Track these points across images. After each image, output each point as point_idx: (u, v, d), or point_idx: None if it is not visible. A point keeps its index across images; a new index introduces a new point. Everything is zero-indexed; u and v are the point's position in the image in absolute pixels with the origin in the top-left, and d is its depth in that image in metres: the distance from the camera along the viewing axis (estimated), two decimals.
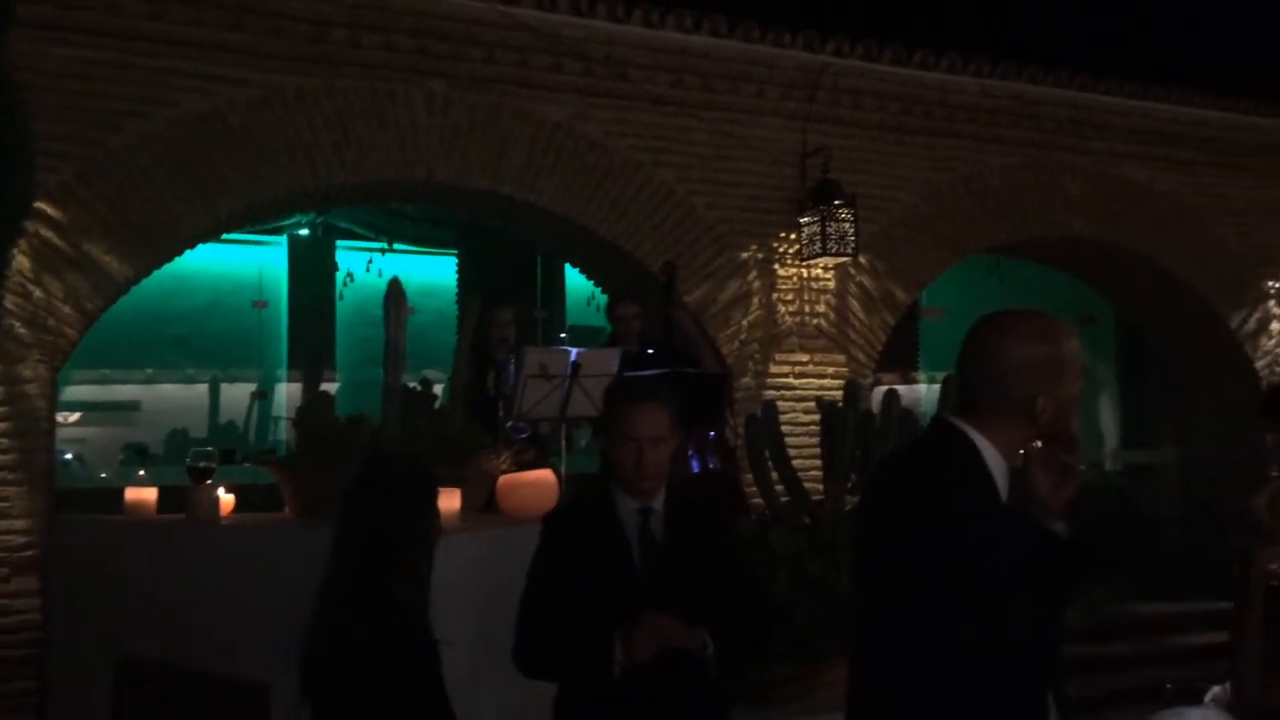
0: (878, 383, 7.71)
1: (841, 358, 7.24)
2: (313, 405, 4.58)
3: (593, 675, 2.65)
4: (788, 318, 7.14)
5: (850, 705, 1.94)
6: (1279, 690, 1.79)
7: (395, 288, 4.60)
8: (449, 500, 3.72)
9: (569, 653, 2.71)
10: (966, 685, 1.78)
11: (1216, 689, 1.87)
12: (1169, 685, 1.91)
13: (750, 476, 5.97)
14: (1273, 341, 8.76)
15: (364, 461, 2.82)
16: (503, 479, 4.44)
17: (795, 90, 7.17)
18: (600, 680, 2.63)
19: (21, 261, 5.21)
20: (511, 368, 5.73)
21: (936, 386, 8.78)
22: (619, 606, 2.66)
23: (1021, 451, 1.91)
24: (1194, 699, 1.83)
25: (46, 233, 5.35)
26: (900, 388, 7.19)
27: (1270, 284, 8.77)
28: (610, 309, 6.31)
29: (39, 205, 5.19)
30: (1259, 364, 8.65)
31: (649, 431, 2.76)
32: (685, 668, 2.66)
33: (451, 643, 2.77)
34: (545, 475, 4.49)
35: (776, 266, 7.12)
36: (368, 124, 6.07)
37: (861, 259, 7.21)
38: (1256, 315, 8.72)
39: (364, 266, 9.85)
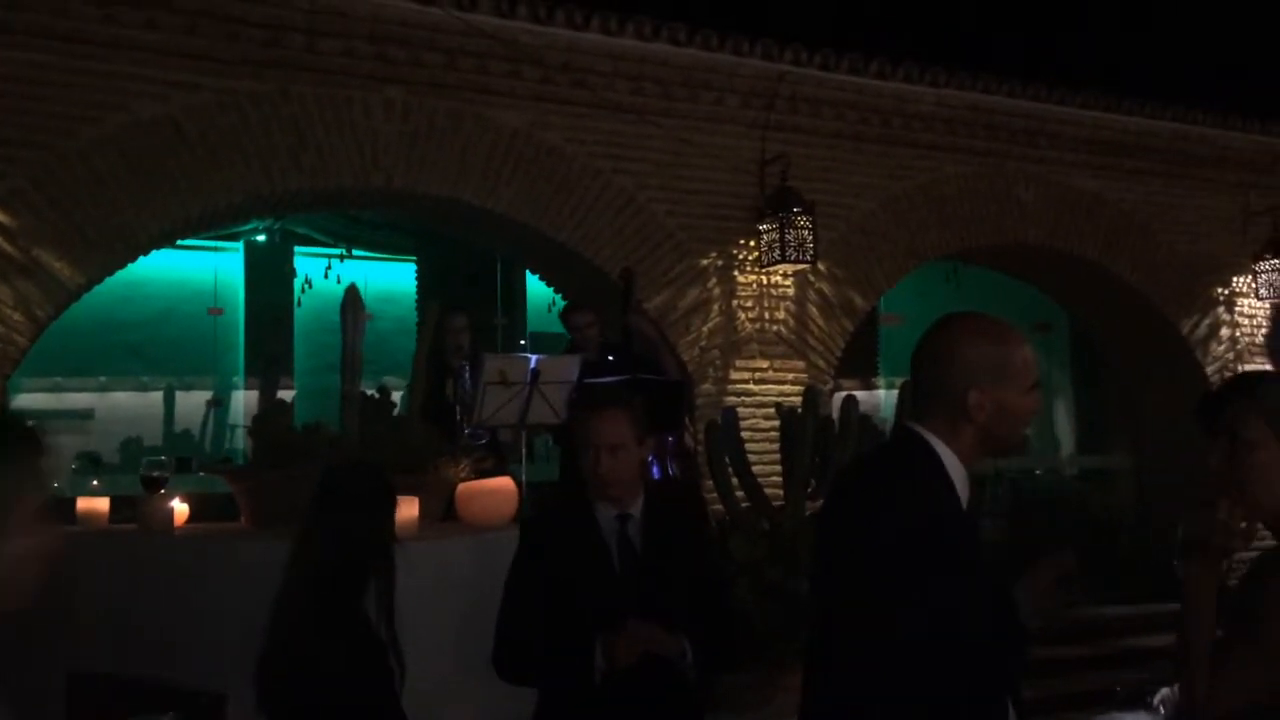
0: (837, 388, 7.77)
1: (801, 364, 7.29)
2: (269, 413, 4.54)
3: (574, 681, 2.65)
4: (747, 324, 7.17)
5: (803, 712, 1.94)
6: (1224, 693, 1.82)
7: (352, 295, 4.57)
8: (407, 509, 3.71)
9: (550, 659, 2.71)
10: (926, 690, 1.79)
11: (1166, 691, 1.90)
12: (1119, 688, 1.94)
13: (710, 482, 6.01)
14: (1222, 347, 8.93)
15: (324, 471, 2.78)
16: (462, 487, 4.42)
17: (754, 98, 7.22)
18: (581, 687, 2.63)
19: None
20: (468, 374, 5.71)
21: (895, 392, 8.87)
22: (599, 613, 2.66)
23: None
24: (1144, 701, 1.86)
25: None
26: (859, 393, 7.27)
27: (1219, 291, 8.95)
28: (564, 319, 6.31)
29: None
30: (1209, 369, 8.81)
31: (609, 438, 2.75)
32: (665, 675, 2.66)
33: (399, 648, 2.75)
34: (505, 483, 4.47)
35: (736, 273, 7.15)
36: (325, 129, 6.03)
37: (820, 266, 7.26)
38: (1206, 321, 8.89)
39: (322, 272, 9.76)
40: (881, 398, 10.87)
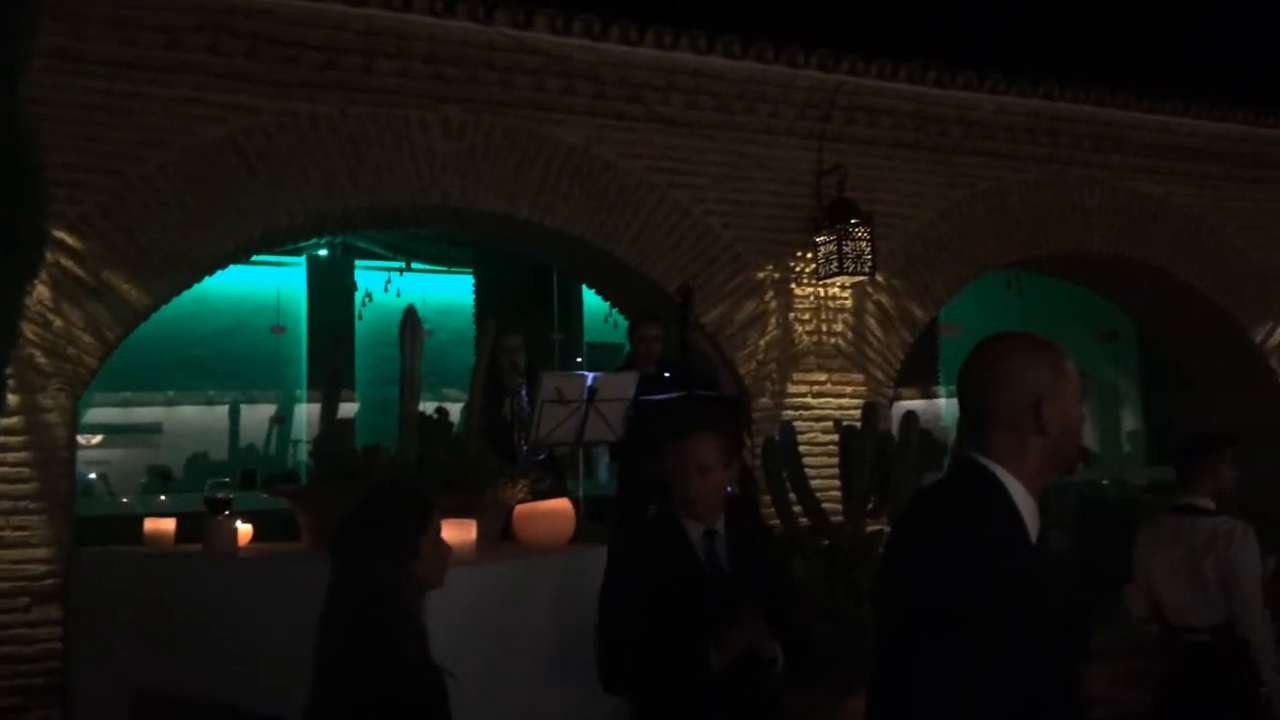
0: (897, 398, 7.67)
1: (860, 377, 7.21)
2: (331, 434, 4.59)
3: (687, 681, 2.87)
4: (805, 337, 7.11)
5: None
6: None
7: (411, 316, 4.59)
8: (465, 531, 3.71)
9: (661, 664, 2.90)
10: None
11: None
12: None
13: (768, 498, 5.96)
14: None
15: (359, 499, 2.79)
16: (519, 508, 4.42)
17: (810, 109, 7.16)
18: (694, 685, 2.86)
19: (41, 291, 5.26)
20: (524, 393, 5.73)
21: (956, 401, 8.71)
22: (699, 620, 2.88)
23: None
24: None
25: (67, 262, 5.40)
26: (920, 404, 7.17)
27: None
28: (633, 330, 6.31)
29: (59, 235, 5.25)
30: None
31: (700, 460, 3.01)
32: (757, 680, 2.90)
33: (454, 675, 2.75)
34: (562, 505, 4.47)
35: (793, 286, 7.10)
36: (383, 149, 6.10)
37: (878, 277, 7.18)
38: None
39: (382, 286, 9.89)
40: (942, 407, 10.73)
